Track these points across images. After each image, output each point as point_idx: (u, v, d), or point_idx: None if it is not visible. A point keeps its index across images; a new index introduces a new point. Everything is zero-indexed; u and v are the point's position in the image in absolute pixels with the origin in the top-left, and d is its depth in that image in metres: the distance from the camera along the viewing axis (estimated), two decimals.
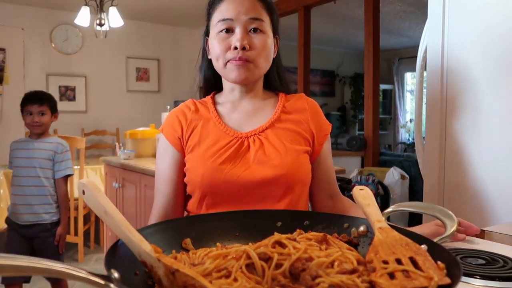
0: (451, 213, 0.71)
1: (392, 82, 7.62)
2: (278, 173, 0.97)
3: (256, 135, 1.02)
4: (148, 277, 0.55)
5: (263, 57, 1.02)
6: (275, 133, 1.03)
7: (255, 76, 1.04)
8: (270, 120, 1.05)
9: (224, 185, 0.97)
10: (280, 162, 0.98)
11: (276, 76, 1.13)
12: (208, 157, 0.99)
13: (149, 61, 5.73)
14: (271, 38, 1.05)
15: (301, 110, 1.09)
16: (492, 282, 0.66)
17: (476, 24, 1.35)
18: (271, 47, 1.05)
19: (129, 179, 2.75)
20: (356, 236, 0.68)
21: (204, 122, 1.06)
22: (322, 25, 5.65)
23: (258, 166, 0.97)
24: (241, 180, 0.96)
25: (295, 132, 1.05)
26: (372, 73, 3.96)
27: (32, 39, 4.79)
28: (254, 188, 0.96)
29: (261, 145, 1.00)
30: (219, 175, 0.97)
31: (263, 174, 0.96)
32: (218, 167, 0.97)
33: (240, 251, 0.56)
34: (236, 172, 0.97)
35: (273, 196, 0.97)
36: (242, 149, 1.00)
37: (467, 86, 1.37)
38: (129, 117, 5.44)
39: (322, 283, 0.48)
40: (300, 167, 1.01)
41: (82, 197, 0.58)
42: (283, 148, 1.00)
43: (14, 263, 0.42)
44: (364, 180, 3.54)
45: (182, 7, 4.87)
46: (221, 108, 1.10)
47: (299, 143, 1.04)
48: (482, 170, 1.34)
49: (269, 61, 1.06)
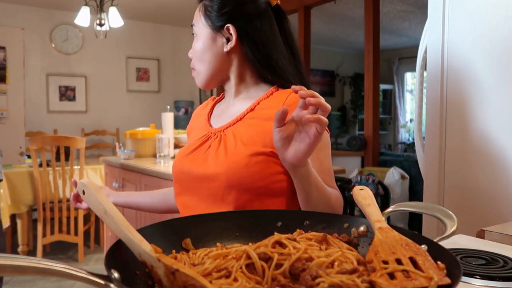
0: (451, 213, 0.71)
1: (392, 82, 7.62)
2: (217, 171, 0.95)
3: (220, 132, 1.02)
4: (148, 277, 0.55)
5: (198, 60, 1.05)
6: (234, 131, 0.99)
7: (206, 81, 1.07)
8: (237, 117, 1.01)
9: (181, 175, 1.03)
10: (222, 161, 0.95)
11: (258, 66, 1.01)
12: (183, 149, 1.08)
13: (149, 61, 5.73)
14: (206, 37, 1.03)
15: (274, 107, 0.93)
16: (492, 282, 0.66)
17: (476, 24, 1.35)
18: (206, 48, 1.03)
19: (129, 179, 2.75)
20: (356, 236, 0.68)
21: (201, 119, 1.13)
22: (322, 25, 5.65)
23: (205, 162, 1.00)
24: (192, 173, 1.00)
25: (259, 130, 0.96)
26: (372, 73, 3.96)
27: (32, 39, 4.79)
28: (200, 182, 0.99)
29: (219, 142, 1.01)
30: (180, 165, 1.04)
31: (205, 170, 0.98)
32: (182, 158, 1.05)
33: (240, 251, 0.56)
34: (191, 165, 1.01)
35: (214, 194, 0.97)
36: (205, 144, 1.03)
37: (467, 86, 1.37)
38: (129, 117, 5.44)
39: (322, 283, 0.48)
40: (245, 169, 0.92)
41: (82, 197, 0.58)
42: (233, 147, 0.96)
43: (14, 263, 0.42)
44: (364, 180, 3.54)
45: (182, 7, 4.87)
46: (217, 107, 1.14)
47: (259, 143, 0.94)
48: (482, 170, 1.34)
49: (207, 61, 1.03)
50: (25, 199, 3.25)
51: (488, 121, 1.32)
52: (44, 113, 5.05)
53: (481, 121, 1.34)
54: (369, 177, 3.54)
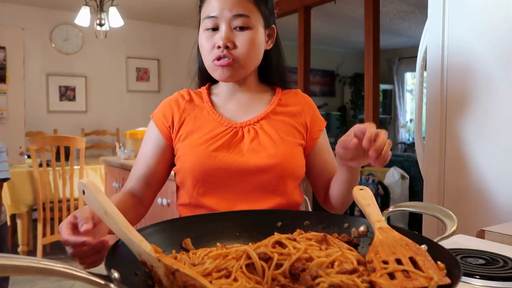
0: (451, 213, 0.71)
1: (392, 82, 7.62)
2: (272, 162, 0.96)
3: (251, 125, 1.02)
4: (148, 277, 0.55)
5: (249, 55, 0.99)
6: (270, 124, 1.02)
7: (241, 75, 1.02)
8: (266, 112, 1.04)
9: (215, 171, 0.95)
10: (275, 152, 0.97)
11: (274, 68, 1.10)
12: (200, 144, 0.98)
13: (149, 61, 5.73)
14: (261, 32, 1.02)
15: (296, 104, 1.08)
16: (492, 282, 0.66)
17: (476, 24, 1.35)
18: (260, 43, 1.02)
19: None
20: (356, 236, 0.68)
21: (198, 111, 1.05)
22: (322, 25, 5.65)
23: (252, 154, 0.96)
24: (234, 167, 0.95)
25: (289, 125, 1.04)
26: (372, 73, 3.96)
27: (32, 39, 4.79)
28: (247, 176, 0.95)
29: (255, 135, 1.00)
30: (211, 162, 0.95)
31: (257, 162, 0.95)
32: (211, 153, 0.96)
33: (240, 251, 0.56)
34: (229, 159, 0.96)
35: (265, 186, 0.96)
36: (236, 138, 0.99)
37: (467, 86, 1.37)
38: (129, 117, 5.44)
39: (322, 283, 0.48)
40: (294, 159, 1.00)
41: (82, 197, 0.58)
42: (278, 139, 0.99)
43: (14, 263, 0.42)
44: (364, 180, 3.54)
45: (182, 7, 4.87)
46: (216, 99, 1.09)
47: (294, 135, 1.03)
48: (482, 170, 1.34)
49: (257, 57, 1.03)
50: (25, 199, 3.25)
51: (489, 121, 1.32)
52: (44, 113, 5.05)
53: (482, 121, 1.34)
54: (369, 177, 3.54)
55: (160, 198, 2.32)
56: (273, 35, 1.07)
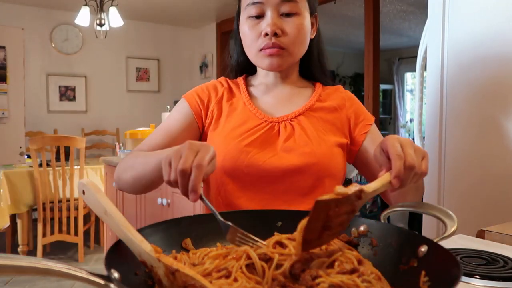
0: (451, 213, 0.71)
1: (392, 82, 7.62)
2: (308, 161, 0.89)
3: (288, 120, 0.95)
4: (148, 277, 0.55)
5: (298, 42, 0.94)
6: (309, 121, 0.96)
7: (289, 63, 0.97)
8: (305, 107, 0.98)
9: (247, 169, 0.89)
10: (311, 150, 0.90)
11: (316, 61, 1.05)
12: (233, 138, 0.92)
13: (149, 61, 5.73)
14: (307, 19, 0.96)
15: (337, 100, 1.02)
16: (492, 282, 0.66)
17: (476, 24, 1.35)
18: (307, 30, 0.97)
19: None
20: (356, 236, 0.68)
21: (235, 101, 1.00)
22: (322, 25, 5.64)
23: (286, 153, 0.90)
24: (267, 166, 0.89)
25: (329, 123, 0.98)
26: (372, 73, 3.95)
27: (32, 39, 4.79)
28: (280, 176, 0.89)
29: (292, 132, 0.93)
30: (243, 157, 0.89)
31: (291, 161, 0.89)
32: (243, 148, 0.90)
33: (240, 251, 0.56)
34: (261, 157, 0.89)
35: (299, 188, 0.90)
36: (272, 133, 0.93)
37: (467, 86, 1.37)
38: (129, 117, 5.44)
39: (322, 283, 0.48)
40: (333, 159, 0.92)
41: (82, 197, 0.58)
42: (316, 137, 0.93)
43: (14, 263, 0.42)
44: (364, 179, 3.54)
45: (182, 7, 4.87)
46: (254, 90, 1.03)
47: (334, 134, 0.96)
48: (481, 170, 1.34)
49: (305, 45, 0.98)
50: (25, 199, 3.25)
51: (488, 121, 1.32)
52: (44, 113, 5.04)
53: (481, 121, 1.34)
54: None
55: (160, 198, 2.31)
56: (315, 24, 1.03)
